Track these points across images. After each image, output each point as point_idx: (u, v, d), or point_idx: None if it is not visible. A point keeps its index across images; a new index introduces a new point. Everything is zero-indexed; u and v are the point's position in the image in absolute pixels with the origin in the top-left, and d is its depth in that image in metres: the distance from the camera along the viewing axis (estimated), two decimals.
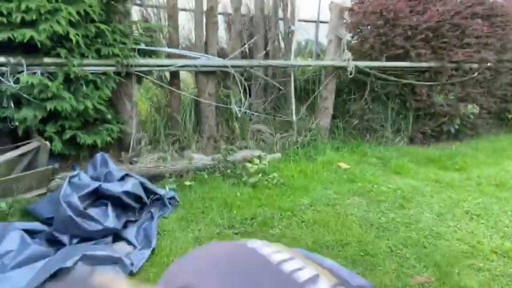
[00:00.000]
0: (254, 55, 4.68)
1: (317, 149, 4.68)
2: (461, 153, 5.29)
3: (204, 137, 4.39)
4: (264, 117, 4.70)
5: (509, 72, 5.90)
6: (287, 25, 4.79)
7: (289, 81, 4.73)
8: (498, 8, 5.58)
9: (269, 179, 3.90)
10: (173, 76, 4.27)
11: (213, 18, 4.25)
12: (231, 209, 3.38)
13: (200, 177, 3.90)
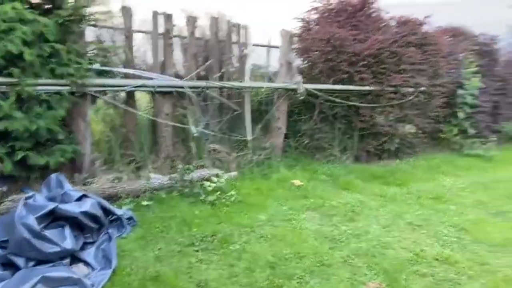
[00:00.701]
0: (209, 77, 4.82)
1: (272, 167, 4.86)
2: (401, 169, 5.71)
3: (160, 157, 4.41)
4: (220, 137, 4.82)
5: (440, 95, 6.50)
6: (241, 49, 5.00)
7: (244, 102, 4.90)
8: (430, 38, 6.18)
9: (226, 197, 3.99)
10: (129, 96, 4.29)
11: (169, 41, 4.36)
12: (191, 227, 3.43)
13: (157, 197, 3.91)
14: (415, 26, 5.95)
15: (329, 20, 5.47)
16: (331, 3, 5.70)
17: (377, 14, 5.77)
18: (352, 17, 5.47)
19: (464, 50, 7.05)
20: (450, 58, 6.70)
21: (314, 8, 5.78)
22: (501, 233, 3.71)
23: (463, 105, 6.84)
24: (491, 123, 7.49)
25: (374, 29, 5.54)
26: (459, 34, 7.22)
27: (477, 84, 6.74)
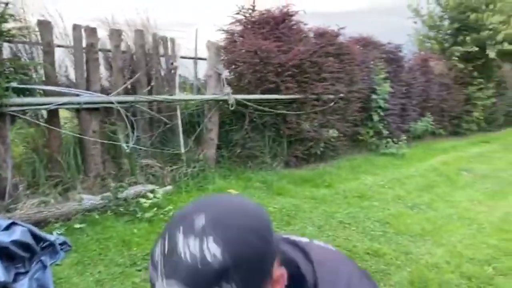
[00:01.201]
0: (137, 91, 4.72)
1: (207, 178, 4.89)
2: (327, 172, 6.08)
3: (90, 176, 4.23)
4: (152, 151, 4.74)
5: (357, 101, 7.03)
6: (169, 62, 4.97)
7: (175, 115, 4.88)
8: (345, 48, 6.67)
9: (164, 213, 3.95)
10: (52, 115, 4.06)
11: (94, 55, 4.21)
12: (130, 246, 3.34)
13: (90, 219, 3.74)
14: (332, 37, 6.39)
15: (253, 32, 5.66)
16: (254, 15, 5.90)
17: (297, 26, 6.09)
18: (275, 29, 5.72)
19: (375, 58, 7.70)
20: (363, 66, 7.27)
21: (237, 20, 5.94)
22: (418, 224, 4.14)
23: (376, 108, 7.45)
24: (401, 124, 8.25)
25: (296, 40, 5.85)
26: (369, 44, 7.87)
27: (387, 89, 7.41)
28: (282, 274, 0.65)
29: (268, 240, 0.62)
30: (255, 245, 0.59)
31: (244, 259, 0.57)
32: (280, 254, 0.66)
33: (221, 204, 0.66)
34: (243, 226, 0.60)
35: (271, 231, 0.64)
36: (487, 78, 10.75)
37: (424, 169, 6.57)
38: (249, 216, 0.63)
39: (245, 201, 0.68)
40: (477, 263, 3.28)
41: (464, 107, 10.46)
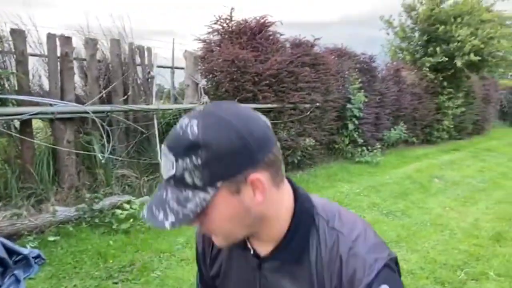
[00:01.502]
0: (113, 100, 4.67)
1: None
2: (305, 180, 6.15)
3: (64, 188, 4.13)
4: (128, 161, 4.68)
5: (332, 110, 7.15)
6: (146, 71, 4.95)
7: (152, 124, 4.84)
8: (320, 58, 6.80)
9: (141, 223, 3.89)
10: (25, 125, 3.96)
11: (69, 64, 4.14)
12: (106, 259, 3.29)
13: (64, 231, 3.66)
14: (308, 48, 6.50)
15: (230, 42, 5.70)
16: (231, 25, 5.94)
17: (274, 36, 6.17)
18: (253, 39, 5.77)
19: (349, 68, 7.86)
20: (338, 76, 7.42)
21: (215, 30, 5.97)
22: (393, 231, 4.23)
23: (351, 117, 7.60)
24: (375, 132, 8.43)
25: (273, 50, 5.92)
26: (343, 54, 8.03)
27: (362, 98, 7.57)
28: (258, 179, 0.69)
29: (246, 144, 0.67)
30: (229, 139, 0.66)
31: (213, 144, 0.65)
32: (266, 167, 0.70)
33: (229, 105, 0.73)
34: (228, 123, 0.67)
35: (257, 142, 0.68)
36: (456, 88, 11.13)
37: (399, 177, 6.72)
38: (240, 119, 0.69)
39: (252, 112, 0.73)
40: (450, 268, 3.38)
41: (435, 116, 10.78)
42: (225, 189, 0.68)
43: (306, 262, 0.79)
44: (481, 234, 4.25)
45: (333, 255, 0.77)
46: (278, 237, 0.79)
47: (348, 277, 0.75)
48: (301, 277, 0.80)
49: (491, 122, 14.62)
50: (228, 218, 0.72)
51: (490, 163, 8.54)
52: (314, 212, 0.81)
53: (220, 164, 0.66)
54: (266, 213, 0.74)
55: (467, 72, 10.96)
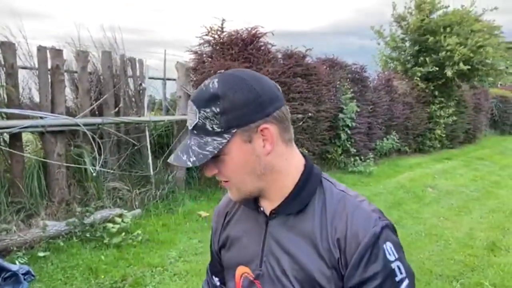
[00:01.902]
0: (104, 112, 4.63)
1: (176, 200, 4.81)
2: None
3: (54, 202, 4.07)
4: (120, 174, 4.63)
5: (325, 120, 7.16)
6: (137, 83, 4.92)
7: (143, 136, 4.81)
8: (312, 68, 6.82)
9: (133, 237, 3.84)
10: (14, 138, 3.91)
11: (59, 77, 4.11)
12: (98, 274, 3.23)
13: (55, 246, 3.59)
14: (299, 58, 6.52)
15: (222, 53, 5.70)
16: (222, 36, 5.95)
17: (265, 47, 6.19)
18: (244, 50, 5.78)
19: (341, 78, 7.90)
20: (330, 86, 7.44)
21: (206, 41, 5.98)
22: None
23: (344, 127, 7.61)
24: (368, 142, 8.45)
25: (265, 61, 5.93)
26: (335, 64, 8.07)
27: (354, 108, 7.59)
28: (268, 128, 0.79)
29: (258, 97, 0.77)
30: (243, 93, 0.77)
31: (230, 96, 0.77)
32: (276, 121, 0.80)
33: (245, 70, 0.85)
34: (244, 80, 0.79)
35: (268, 97, 0.79)
36: (448, 97, 11.22)
37: (392, 186, 6.72)
38: (254, 78, 0.80)
39: (265, 79, 0.83)
40: (446, 279, 3.36)
41: (427, 125, 10.85)
42: (239, 136, 0.78)
43: (310, 215, 0.83)
44: (476, 244, 4.24)
45: (339, 210, 0.81)
46: (286, 194, 0.84)
47: (353, 229, 0.78)
48: (304, 230, 0.83)
49: (482, 131, 14.74)
50: (241, 164, 0.80)
51: (483, 172, 8.58)
52: (322, 177, 0.88)
53: (235, 113, 0.77)
54: (275, 165, 0.82)
55: (458, 82, 11.07)
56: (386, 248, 0.77)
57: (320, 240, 0.81)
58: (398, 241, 0.81)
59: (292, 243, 0.83)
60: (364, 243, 0.77)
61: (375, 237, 0.77)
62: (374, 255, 0.76)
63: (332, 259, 0.79)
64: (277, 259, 0.85)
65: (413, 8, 11.00)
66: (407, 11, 11.15)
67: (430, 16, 10.82)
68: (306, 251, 0.82)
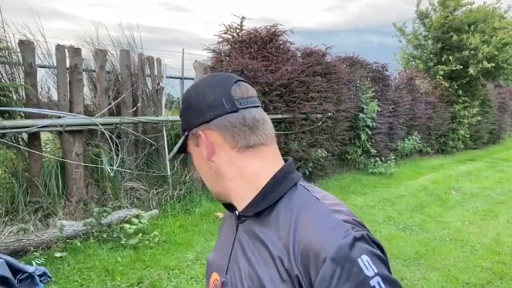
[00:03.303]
0: (122, 111, 4.60)
1: (193, 201, 4.75)
2: None
3: (72, 201, 4.06)
4: (137, 174, 4.60)
5: (345, 120, 7.01)
6: (155, 82, 4.88)
7: (161, 136, 4.76)
8: (332, 67, 6.67)
9: (150, 238, 3.80)
10: (33, 137, 3.90)
11: (78, 76, 4.09)
12: (114, 276, 3.18)
13: (72, 246, 3.57)
14: (319, 57, 6.39)
15: (240, 52, 5.61)
16: (241, 35, 5.86)
17: (284, 45, 6.08)
18: (263, 49, 5.68)
19: (361, 77, 7.73)
20: (350, 85, 7.28)
21: (225, 39, 5.90)
22: (411, 247, 4.06)
23: (364, 127, 7.44)
24: (389, 143, 8.25)
25: (284, 60, 5.82)
26: (355, 63, 7.91)
27: (375, 108, 7.41)
28: (200, 134, 0.81)
29: (198, 103, 0.81)
30: (190, 98, 0.83)
31: (184, 100, 0.85)
32: (218, 128, 0.80)
33: (214, 74, 0.87)
34: (197, 86, 0.84)
35: (206, 104, 0.80)
36: (472, 97, 10.90)
37: (414, 189, 6.53)
38: (205, 85, 0.83)
39: (220, 85, 0.82)
40: None
41: (450, 125, 10.56)
42: (191, 139, 0.84)
43: (273, 221, 0.76)
44: (504, 250, 4.05)
45: (305, 218, 0.72)
46: (249, 200, 0.80)
47: (317, 242, 0.67)
48: (264, 238, 0.76)
49: (507, 131, 14.30)
50: (198, 166, 0.86)
51: (508, 174, 8.29)
52: (299, 183, 0.80)
53: (184, 116, 0.84)
54: (224, 170, 0.81)
55: (482, 80, 10.73)
56: (362, 262, 0.64)
57: (277, 251, 0.71)
58: (378, 254, 0.68)
59: (252, 250, 0.77)
60: (330, 258, 0.64)
61: (344, 250, 0.64)
62: (346, 271, 0.63)
63: (289, 275, 0.68)
64: (239, 267, 0.80)
65: (437, 5, 10.71)
66: (431, 7, 10.87)
67: (454, 13, 10.51)
68: (262, 260, 0.74)
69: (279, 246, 0.72)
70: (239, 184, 0.81)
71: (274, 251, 0.72)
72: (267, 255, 0.73)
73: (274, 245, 0.73)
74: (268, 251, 0.73)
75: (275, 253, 0.72)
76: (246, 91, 0.82)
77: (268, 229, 0.75)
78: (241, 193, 0.81)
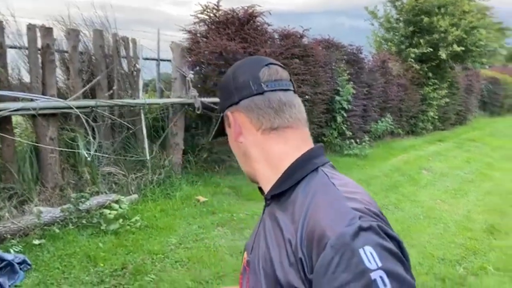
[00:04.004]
0: (97, 94, 4.46)
1: (173, 185, 4.70)
2: None
3: (48, 187, 3.93)
4: (115, 159, 4.50)
5: (321, 102, 7.06)
6: (131, 64, 4.74)
7: (138, 119, 4.66)
8: (309, 49, 6.67)
9: (131, 224, 3.74)
10: (5, 122, 3.73)
11: (50, 57, 3.92)
12: (96, 262, 3.13)
13: (50, 233, 3.47)
14: (297, 39, 6.37)
15: (218, 33, 5.52)
16: (218, 15, 5.75)
17: (262, 27, 6.01)
18: (241, 30, 5.59)
19: (337, 59, 7.78)
20: (326, 67, 7.32)
21: (201, 20, 5.77)
22: None
23: (340, 110, 7.53)
24: (363, 125, 8.40)
25: (262, 42, 5.76)
26: (331, 45, 7.93)
27: (350, 90, 7.50)
28: (228, 115, 0.85)
29: (228, 85, 0.85)
30: (223, 80, 0.88)
31: (221, 81, 0.90)
32: (249, 109, 0.82)
33: (247, 58, 0.91)
34: (232, 67, 0.88)
35: (235, 86, 0.83)
36: (441, 79, 11.20)
37: (388, 169, 6.71)
38: (237, 67, 0.87)
39: (248, 66, 0.86)
40: (448, 264, 3.35)
41: (420, 107, 10.85)
42: (225, 120, 0.88)
43: (290, 205, 0.76)
44: (475, 226, 4.25)
45: (317, 202, 0.71)
46: (272, 182, 0.81)
47: (322, 226, 0.66)
48: (280, 220, 0.77)
49: (473, 112, 14.84)
50: (232, 146, 0.90)
51: (475, 154, 8.65)
52: (321, 168, 0.79)
53: (220, 97, 0.88)
54: (251, 152, 0.84)
55: (451, 63, 11.03)
56: (364, 253, 0.61)
57: (288, 234, 0.72)
58: (388, 247, 0.63)
59: (270, 232, 0.79)
60: (330, 245, 0.62)
61: (345, 238, 0.62)
62: (344, 260, 0.61)
63: (295, 257, 0.68)
64: (259, 247, 0.82)
65: None
66: None
67: None
68: (276, 242, 0.75)
69: (291, 229, 0.72)
70: (264, 166, 0.83)
71: (286, 234, 0.72)
72: (280, 237, 0.74)
73: (287, 228, 0.73)
74: (281, 234, 0.74)
75: (286, 236, 0.72)
76: (276, 73, 0.83)
77: (285, 213, 0.76)
78: (266, 175, 0.83)
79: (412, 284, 0.63)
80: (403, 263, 0.64)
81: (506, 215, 4.68)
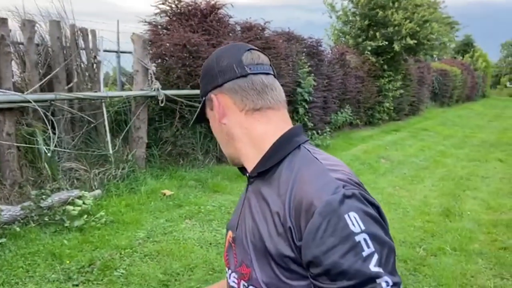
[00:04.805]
0: (55, 88, 4.30)
1: (138, 180, 4.63)
2: None
3: (6, 185, 3.77)
4: (76, 154, 4.37)
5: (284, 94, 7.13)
6: (91, 56, 4.60)
7: (100, 113, 4.54)
8: (271, 42, 6.73)
9: (96, 219, 3.67)
10: None
11: (5, 48, 3.73)
12: (62, 259, 3.06)
13: (11, 232, 3.34)
14: (259, 31, 6.41)
15: (180, 24, 5.45)
16: (180, 6, 5.67)
17: (224, 19, 6.00)
18: (203, 21, 5.56)
19: (297, 52, 7.89)
20: (288, 60, 7.41)
21: (162, 11, 5.68)
22: None
23: (302, 101, 7.66)
24: (323, 116, 8.60)
25: (224, 34, 5.75)
26: (292, 38, 8.03)
27: (311, 82, 7.65)
28: (211, 98, 0.88)
29: (211, 69, 0.87)
30: (206, 64, 0.90)
31: (203, 67, 0.92)
32: (230, 91, 0.86)
33: (231, 44, 0.95)
34: (214, 53, 0.91)
35: (219, 69, 0.86)
36: (395, 71, 11.65)
37: (348, 159, 6.93)
38: (221, 51, 0.90)
39: (232, 50, 0.89)
40: (409, 246, 3.54)
41: (377, 98, 11.24)
42: (207, 104, 0.90)
43: (275, 181, 0.80)
44: (432, 210, 4.50)
45: (302, 175, 0.76)
46: (256, 161, 0.85)
47: (309, 196, 0.71)
48: (266, 195, 0.81)
49: (425, 103, 15.55)
50: (214, 129, 0.92)
51: (429, 142, 9.09)
52: (302, 145, 0.84)
53: (202, 82, 0.91)
54: (234, 133, 0.86)
55: (405, 56, 11.49)
56: (349, 218, 0.67)
57: (275, 207, 0.76)
58: (370, 213, 0.71)
59: (256, 208, 0.83)
60: (318, 212, 0.68)
61: (331, 205, 0.68)
62: (331, 226, 0.67)
63: (284, 227, 0.73)
64: (245, 223, 0.85)
65: None
66: None
67: None
68: (263, 216, 0.79)
69: (278, 203, 0.76)
70: (247, 145, 0.86)
71: (273, 207, 0.77)
72: (267, 211, 0.78)
73: (274, 202, 0.77)
74: (268, 208, 0.78)
75: (274, 209, 0.77)
76: (258, 58, 0.87)
77: (271, 188, 0.80)
78: (249, 154, 0.86)
79: (392, 245, 0.71)
80: (383, 227, 0.72)
81: (459, 199, 4.99)
